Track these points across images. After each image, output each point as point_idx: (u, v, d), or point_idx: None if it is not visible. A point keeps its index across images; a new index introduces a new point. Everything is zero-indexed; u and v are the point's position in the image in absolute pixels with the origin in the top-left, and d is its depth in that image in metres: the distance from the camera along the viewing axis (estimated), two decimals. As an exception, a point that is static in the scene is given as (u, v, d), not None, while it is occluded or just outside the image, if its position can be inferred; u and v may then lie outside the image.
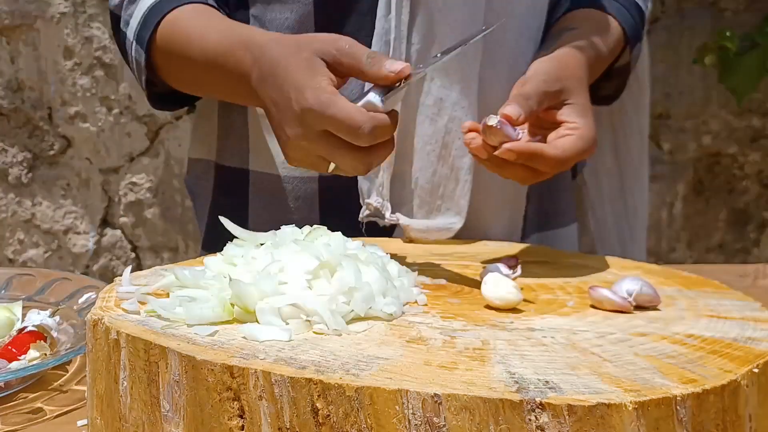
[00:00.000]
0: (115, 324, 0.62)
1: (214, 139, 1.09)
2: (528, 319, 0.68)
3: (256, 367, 0.55)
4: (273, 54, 0.82)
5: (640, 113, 1.21)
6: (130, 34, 0.98)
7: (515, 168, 0.83)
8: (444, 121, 0.97)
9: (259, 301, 0.64)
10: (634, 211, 1.23)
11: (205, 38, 0.91)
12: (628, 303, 0.72)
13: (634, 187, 1.23)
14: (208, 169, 1.11)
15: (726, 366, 0.59)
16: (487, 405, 0.52)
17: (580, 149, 0.85)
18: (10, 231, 2.17)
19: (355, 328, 0.64)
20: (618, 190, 1.23)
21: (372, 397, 0.52)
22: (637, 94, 1.19)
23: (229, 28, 0.91)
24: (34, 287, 0.94)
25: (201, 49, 0.91)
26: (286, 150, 0.81)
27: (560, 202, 1.13)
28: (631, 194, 1.23)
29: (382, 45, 0.94)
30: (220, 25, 0.92)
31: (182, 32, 0.94)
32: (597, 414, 0.51)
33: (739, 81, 2.04)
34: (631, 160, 1.22)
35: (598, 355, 0.60)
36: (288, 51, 0.81)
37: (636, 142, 1.22)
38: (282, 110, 0.79)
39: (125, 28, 1.00)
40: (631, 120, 1.20)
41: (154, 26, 0.95)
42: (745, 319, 0.70)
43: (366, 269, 0.69)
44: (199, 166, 1.12)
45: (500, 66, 0.98)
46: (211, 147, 1.10)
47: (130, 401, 0.60)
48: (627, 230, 1.24)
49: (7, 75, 2.11)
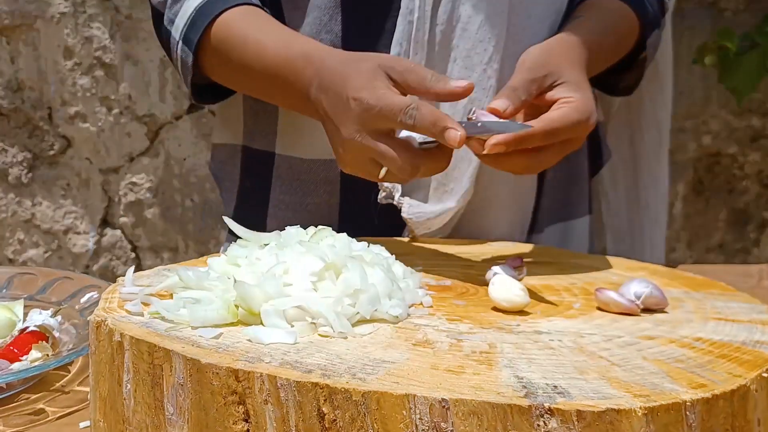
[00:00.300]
0: (119, 326, 0.62)
1: (241, 123, 1.10)
2: (534, 322, 0.68)
3: (261, 370, 0.54)
4: (334, 65, 0.84)
5: (658, 108, 1.20)
6: (176, 33, 0.99)
7: (511, 158, 0.82)
8: (464, 102, 0.97)
9: (264, 303, 0.63)
10: (646, 207, 1.23)
11: (261, 45, 0.93)
12: (635, 305, 0.71)
13: (648, 183, 1.22)
14: (233, 153, 1.11)
15: (735, 370, 0.58)
16: (495, 410, 0.51)
17: (574, 119, 0.83)
18: (10, 231, 2.17)
19: (361, 330, 0.63)
20: (633, 184, 1.22)
21: (379, 401, 0.52)
22: (657, 88, 1.19)
23: (288, 38, 0.93)
24: (35, 286, 0.94)
25: (258, 57, 0.93)
26: (341, 153, 0.83)
27: (574, 193, 1.12)
28: (644, 189, 1.22)
29: (405, 24, 0.95)
30: (276, 33, 0.94)
31: (237, 37, 0.95)
32: (606, 420, 0.51)
33: (739, 81, 2.04)
34: (646, 154, 1.21)
35: (606, 359, 0.59)
36: (350, 61, 0.83)
37: (653, 137, 1.21)
38: (339, 113, 0.82)
39: (170, 26, 1.01)
40: (648, 114, 1.20)
41: (203, 29, 0.96)
42: (753, 322, 0.70)
43: (371, 270, 0.69)
44: (224, 151, 1.13)
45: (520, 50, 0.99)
46: (237, 131, 1.10)
47: (133, 404, 0.60)
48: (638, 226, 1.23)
49: (7, 75, 2.10)
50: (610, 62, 1.03)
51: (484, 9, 0.95)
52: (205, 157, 2.17)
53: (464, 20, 0.95)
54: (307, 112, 0.93)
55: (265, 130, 1.06)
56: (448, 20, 0.95)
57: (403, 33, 0.95)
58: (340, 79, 0.82)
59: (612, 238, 1.24)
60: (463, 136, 0.75)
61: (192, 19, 0.97)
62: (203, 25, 0.96)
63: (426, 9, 0.95)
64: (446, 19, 0.95)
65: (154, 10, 1.04)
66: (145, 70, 2.13)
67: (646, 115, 1.20)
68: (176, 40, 0.99)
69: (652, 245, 1.24)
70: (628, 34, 1.03)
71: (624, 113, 1.20)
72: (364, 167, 0.82)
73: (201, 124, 2.17)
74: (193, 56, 0.97)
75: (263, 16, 0.97)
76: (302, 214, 1.04)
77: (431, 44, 0.96)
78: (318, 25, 0.98)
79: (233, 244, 0.75)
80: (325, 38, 0.98)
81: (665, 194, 1.25)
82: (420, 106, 0.76)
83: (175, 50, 1.00)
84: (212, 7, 0.97)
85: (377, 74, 0.80)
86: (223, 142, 1.14)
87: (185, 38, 0.98)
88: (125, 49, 2.11)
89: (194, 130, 2.17)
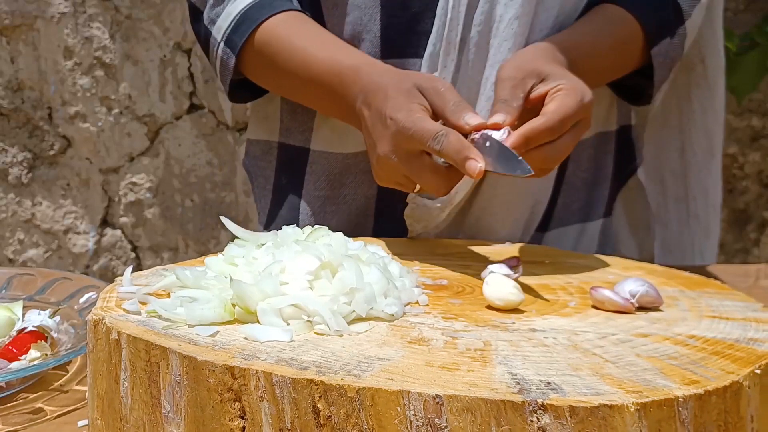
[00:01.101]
0: (116, 324, 0.62)
1: (278, 120, 1.12)
2: (529, 320, 0.68)
3: (257, 367, 0.55)
4: (379, 82, 0.88)
5: (707, 114, 1.18)
6: (218, 34, 1.02)
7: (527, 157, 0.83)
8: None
9: (261, 301, 0.64)
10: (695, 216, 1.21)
11: (308, 53, 0.96)
12: (630, 304, 0.72)
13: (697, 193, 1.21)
14: (269, 149, 1.14)
15: (728, 367, 0.58)
16: (488, 406, 0.51)
17: (572, 104, 0.84)
18: (10, 231, 2.17)
19: (357, 328, 0.63)
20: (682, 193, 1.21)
21: (373, 398, 0.52)
22: (707, 95, 1.18)
23: (335, 48, 0.96)
24: (34, 287, 0.94)
25: (305, 65, 0.96)
26: (377, 168, 0.88)
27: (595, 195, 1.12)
28: (693, 198, 1.21)
29: (440, 25, 0.97)
30: (322, 41, 0.97)
31: (283, 43, 0.98)
32: (599, 415, 0.51)
33: (739, 81, 2.04)
34: (696, 162, 1.20)
35: (600, 356, 0.60)
36: (393, 81, 0.87)
37: (702, 144, 1.20)
38: (377, 130, 0.86)
39: (210, 26, 1.03)
40: (697, 121, 1.19)
41: (249, 33, 0.99)
42: (747, 320, 0.70)
43: (367, 269, 0.69)
44: (259, 147, 1.15)
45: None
46: (273, 128, 1.12)
47: (131, 402, 0.60)
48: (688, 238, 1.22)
49: (7, 75, 2.10)
50: (613, 66, 1.03)
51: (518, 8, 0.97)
52: (205, 156, 2.17)
53: (497, 20, 0.97)
54: (349, 121, 0.96)
55: (302, 126, 1.08)
56: (485, 21, 0.97)
57: (438, 33, 0.97)
58: (383, 97, 0.86)
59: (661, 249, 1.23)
60: (482, 169, 0.78)
61: (236, 23, 1.00)
62: (248, 29, 0.99)
63: (460, 10, 0.97)
64: (483, 19, 0.97)
65: (191, 6, 1.07)
66: (145, 70, 2.13)
67: (695, 123, 1.19)
68: (217, 41, 1.02)
69: (702, 257, 1.22)
70: (629, 39, 1.03)
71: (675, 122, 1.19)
72: (399, 182, 0.87)
73: (201, 124, 2.17)
74: (235, 59, 1.00)
75: (308, 22, 1.00)
76: (340, 206, 1.06)
77: (465, 44, 0.97)
78: (359, 25, 1.00)
79: (230, 243, 0.75)
80: (365, 38, 1.00)
81: (717, 206, 1.22)
82: (449, 134, 0.80)
83: (214, 50, 1.03)
84: (258, 12, 1.00)
85: (414, 96, 0.84)
86: (258, 138, 1.16)
87: (228, 40, 1.01)
88: (125, 49, 2.12)
89: (194, 130, 2.17)
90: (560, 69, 0.89)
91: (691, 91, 1.17)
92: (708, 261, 1.21)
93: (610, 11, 1.02)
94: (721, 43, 1.17)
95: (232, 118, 2.17)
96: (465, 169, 0.78)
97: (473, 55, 0.98)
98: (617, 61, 1.04)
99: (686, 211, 1.22)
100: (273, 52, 0.99)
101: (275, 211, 1.13)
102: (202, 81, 2.15)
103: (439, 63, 0.97)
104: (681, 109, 1.18)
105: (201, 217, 2.21)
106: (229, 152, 2.18)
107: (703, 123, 1.19)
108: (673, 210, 1.22)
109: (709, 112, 1.19)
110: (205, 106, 2.17)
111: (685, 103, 1.14)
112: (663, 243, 1.22)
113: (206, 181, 2.18)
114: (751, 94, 2.10)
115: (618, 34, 1.02)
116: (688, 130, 1.19)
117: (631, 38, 1.03)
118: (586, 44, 0.97)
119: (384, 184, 0.89)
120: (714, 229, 1.23)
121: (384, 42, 0.99)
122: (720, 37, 1.17)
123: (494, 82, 0.92)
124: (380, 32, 0.99)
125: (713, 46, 1.16)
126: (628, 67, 1.05)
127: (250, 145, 1.17)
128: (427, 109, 0.84)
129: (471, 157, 0.78)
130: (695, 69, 1.15)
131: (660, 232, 1.23)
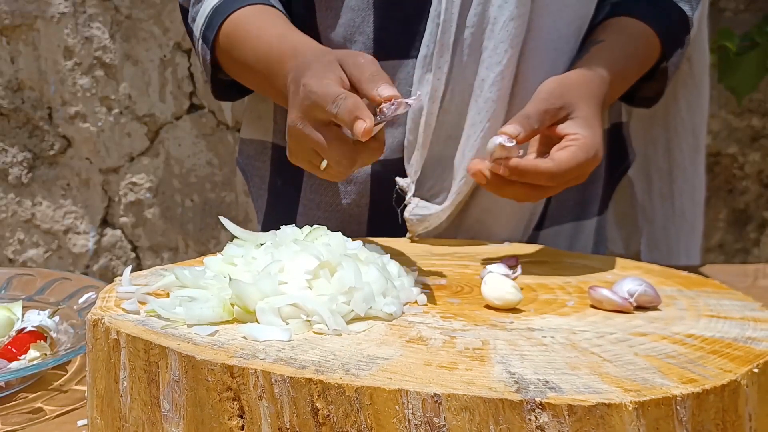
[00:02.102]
0: (115, 324, 0.62)
1: (271, 120, 1.12)
2: (528, 319, 0.68)
3: (256, 367, 0.55)
4: (307, 59, 0.86)
5: (694, 113, 1.19)
6: (197, 32, 1.04)
7: (513, 187, 0.85)
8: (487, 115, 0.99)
9: (259, 301, 0.64)
10: (681, 214, 1.22)
11: (259, 40, 0.96)
12: (628, 303, 0.72)
13: (684, 190, 1.22)
14: (263, 149, 1.13)
15: (726, 366, 0.59)
16: (487, 405, 0.52)
17: (581, 160, 0.85)
18: (10, 231, 2.17)
19: (355, 328, 0.64)
20: (668, 190, 1.22)
21: (372, 397, 0.52)
22: (693, 93, 1.19)
23: (282, 35, 0.95)
24: (34, 287, 0.95)
25: (253, 50, 0.96)
26: (288, 141, 0.84)
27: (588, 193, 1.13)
28: (679, 196, 1.22)
29: (433, 27, 0.97)
30: (274, 30, 0.96)
31: (240, 34, 0.98)
32: (597, 414, 0.51)
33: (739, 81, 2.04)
34: (683, 160, 1.21)
35: (598, 355, 0.60)
36: (317, 55, 0.85)
37: (688, 142, 1.20)
38: (291, 99, 0.83)
39: (192, 24, 1.05)
40: (684, 119, 1.19)
41: (217, 27, 1.00)
42: (745, 319, 0.70)
43: (366, 269, 0.69)
44: (252, 146, 1.15)
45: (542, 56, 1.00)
46: (267, 128, 1.12)
47: (130, 401, 0.60)
48: (673, 235, 1.22)
49: (7, 75, 2.11)
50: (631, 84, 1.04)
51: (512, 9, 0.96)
52: (205, 156, 2.17)
53: (491, 22, 0.97)
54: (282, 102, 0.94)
55: None
56: (478, 22, 0.97)
57: (431, 35, 0.97)
58: (305, 70, 0.83)
59: (647, 245, 1.23)
60: (368, 128, 0.74)
61: (209, 19, 1.01)
62: (218, 23, 1.00)
63: (453, 12, 0.96)
64: (476, 21, 0.97)
65: (182, 7, 1.08)
66: (145, 70, 2.13)
67: (683, 121, 1.20)
68: (197, 38, 1.04)
69: (687, 254, 1.23)
70: (651, 56, 1.05)
71: (660, 117, 1.20)
72: (306, 157, 0.83)
73: (201, 124, 2.17)
74: (210, 54, 1.01)
75: (272, 14, 0.99)
76: (333, 214, 1.06)
77: (459, 46, 0.97)
78: (351, 27, 1.00)
79: (230, 243, 0.75)
80: (357, 39, 1.00)
81: (701, 202, 1.23)
82: (348, 98, 0.76)
83: (197, 47, 1.04)
84: (227, 6, 1.00)
85: (332, 66, 0.81)
86: (251, 138, 1.16)
87: (203, 36, 1.02)
88: (125, 49, 2.12)
89: (194, 130, 2.17)
90: (593, 111, 0.90)
91: (677, 90, 1.17)
92: (693, 257, 1.22)
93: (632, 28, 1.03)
94: (706, 41, 1.18)
95: (232, 118, 2.17)
96: (353, 129, 0.75)
97: (466, 56, 0.98)
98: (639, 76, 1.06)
99: (672, 208, 1.22)
100: (232, 42, 0.99)
101: (272, 214, 1.13)
102: (202, 81, 2.15)
103: (433, 65, 0.97)
104: (668, 108, 1.19)
105: (201, 217, 2.21)
106: (229, 152, 2.18)
107: (690, 121, 1.20)
108: (659, 207, 1.23)
109: (695, 110, 1.20)
110: (205, 106, 2.17)
111: (672, 101, 1.15)
112: (649, 239, 1.23)
113: (206, 181, 2.18)
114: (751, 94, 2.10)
115: (644, 54, 1.03)
116: (674, 128, 1.20)
117: (653, 54, 1.05)
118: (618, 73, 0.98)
119: (293, 159, 0.85)
120: (698, 227, 1.24)
121: (377, 44, 0.99)
122: (705, 35, 1.18)
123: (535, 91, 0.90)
124: (373, 34, 0.99)
125: (698, 45, 1.16)
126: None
127: (244, 145, 1.17)
128: (342, 80, 0.80)
129: (360, 117, 0.75)
130: (681, 67, 1.15)
131: (646, 228, 1.23)
